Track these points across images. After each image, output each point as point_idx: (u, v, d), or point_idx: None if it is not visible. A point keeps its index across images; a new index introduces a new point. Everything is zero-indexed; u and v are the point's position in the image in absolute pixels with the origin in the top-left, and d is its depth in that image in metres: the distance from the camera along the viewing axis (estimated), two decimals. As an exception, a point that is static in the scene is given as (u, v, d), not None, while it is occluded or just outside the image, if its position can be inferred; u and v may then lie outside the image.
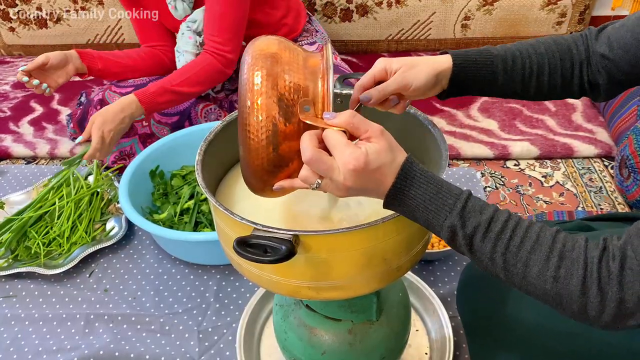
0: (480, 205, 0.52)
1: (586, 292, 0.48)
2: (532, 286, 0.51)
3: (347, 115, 0.53)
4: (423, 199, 0.52)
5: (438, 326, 0.97)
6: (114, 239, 1.24)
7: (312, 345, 0.78)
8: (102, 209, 1.32)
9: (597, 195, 1.35)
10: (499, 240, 0.51)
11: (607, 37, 0.66)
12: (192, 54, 1.38)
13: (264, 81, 0.54)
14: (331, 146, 0.52)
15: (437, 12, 1.96)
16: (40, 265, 1.18)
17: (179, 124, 1.43)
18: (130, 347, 1.03)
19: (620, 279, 0.47)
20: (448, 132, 1.59)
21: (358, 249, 0.58)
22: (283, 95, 0.54)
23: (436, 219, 0.53)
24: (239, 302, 1.11)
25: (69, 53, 1.31)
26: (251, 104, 0.54)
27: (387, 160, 0.52)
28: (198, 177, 0.65)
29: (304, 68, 0.57)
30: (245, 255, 0.54)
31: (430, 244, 1.15)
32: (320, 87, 0.57)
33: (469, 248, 0.53)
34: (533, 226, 0.52)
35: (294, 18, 1.50)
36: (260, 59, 0.55)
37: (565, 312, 0.51)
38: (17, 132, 1.78)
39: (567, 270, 0.49)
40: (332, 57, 0.58)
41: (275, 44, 0.57)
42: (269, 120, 0.54)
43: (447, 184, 0.53)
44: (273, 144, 0.55)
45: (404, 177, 0.52)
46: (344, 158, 0.51)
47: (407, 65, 0.65)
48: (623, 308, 0.47)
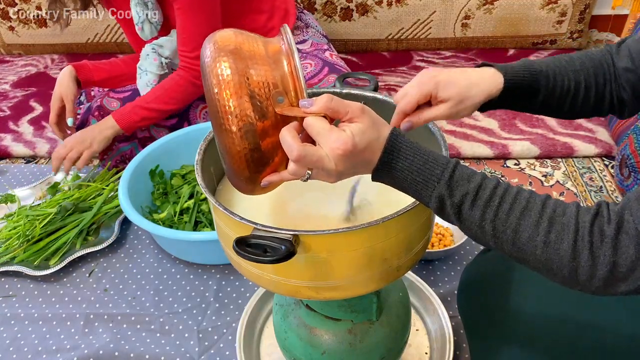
0: (468, 173, 0.52)
1: (577, 257, 0.48)
2: (522, 252, 0.51)
3: (325, 100, 0.52)
4: (410, 170, 0.52)
5: (438, 326, 0.97)
6: (105, 243, 1.23)
7: (312, 345, 0.78)
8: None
9: (598, 195, 1.34)
10: (487, 207, 0.51)
11: (627, 50, 0.65)
12: (154, 74, 1.37)
13: (232, 82, 0.52)
14: (315, 134, 0.52)
15: (437, 11, 1.96)
16: (28, 266, 1.18)
17: (178, 126, 1.43)
18: (130, 347, 1.03)
19: (615, 242, 0.47)
20: (448, 131, 1.59)
21: (358, 249, 0.58)
22: (253, 92, 0.52)
23: (424, 190, 0.52)
24: (239, 301, 1.11)
25: (64, 82, 1.33)
26: (223, 108, 0.52)
27: (373, 137, 0.52)
28: (198, 177, 0.65)
29: (266, 57, 0.54)
30: (245, 255, 0.53)
31: (430, 244, 1.15)
32: (289, 74, 0.54)
33: (457, 217, 0.52)
34: (522, 192, 0.51)
35: (281, 18, 1.48)
36: (222, 58, 0.53)
37: (555, 277, 0.51)
38: (17, 132, 1.78)
39: (557, 234, 0.49)
40: (292, 38, 0.55)
41: (232, 38, 0.55)
42: (244, 121, 0.52)
43: (434, 154, 0.53)
44: (253, 143, 0.53)
45: (390, 151, 0.52)
46: (331, 144, 0.50)
47: (457, 99, 0.63)
48: (616, 272, 0.47)
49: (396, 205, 0.59)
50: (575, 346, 0.67)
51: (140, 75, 1.39)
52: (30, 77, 2.14)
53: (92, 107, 1.44)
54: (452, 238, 1.18)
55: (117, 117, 1.30)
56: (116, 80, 1.44)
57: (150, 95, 1.32)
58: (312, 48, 1.47)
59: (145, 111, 1.31)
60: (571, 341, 0.67)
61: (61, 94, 1.33)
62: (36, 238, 1.22)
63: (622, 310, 0.67)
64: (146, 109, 1.31)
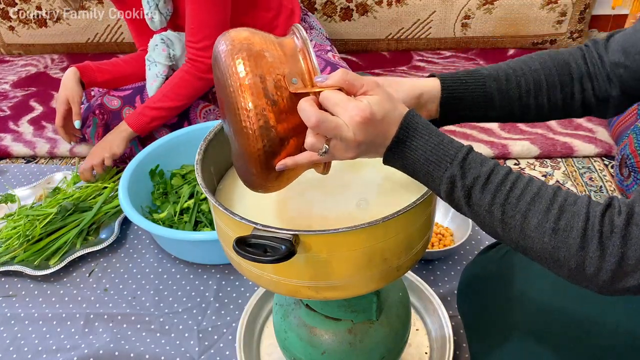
0: (481, 158, 0.52)
1: (585, 246, 0.47)
2: (529, 239, 0.50)
3: (340, 73, 0.52)
4: (424, 149, 0.52)
5: (438, 325, 0.97)
6: (105, 243, 1.23)
7: (312, 344, 0.78)
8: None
9: (598, 195, 1.34)
10: (498, 191, 0.51)
11: (619, 45, 0.63)
12: (163, 65, 1.38)
13: (247, 67, 0.52)
14: (332, 105, 0.51)
15: (437, 11, 1.95)
16: (28, 266, 1.18)
17: (179, 125, 1.44)
18: (130, 347, 1.03)
19: (625, 233, 0.46)
20: (448, 131, 1.58)
21: (358, 249, 0.58)
22: (270, 91, 0.52)
23: (436, 170, 0.52)
24: (239, 301, 1.11)
25: (69, 85, 1.33)
26: (240, 106, 0.52)
27: (390, 108, 0.52)
28: (198, 177, 0.65)
29: (280, 48, 0.55)
30: (245, 255, 0.53)
31: (430, 244, 1.15)
32: (303, 61, 0.55)
33: (467, 200, 0.52)
34: (534, 180, 0.51)
35: (287, 17, 1.49)
36: (236, 49, 0.53)
37: (561, 270, 0.50)
38: (17, 131, 1.77)
39: (567, 222, 0.48)
40: (307, 35, 0.56)
41: (245, 33, 0.55)
42: (260, 104, 0.52)
43: (449, 137, 0.53)
44: (269, 127, 0.52)
45: (406, 127, 0.52)
46: (350, 112, 0.50)
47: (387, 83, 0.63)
48: (624, 264, 0.46)
49: (396, 206, 0.59)
50: (575, 346, 0.67)
51: (149, 66, 1.39)
52: (30, 77, 2.13)
53: (92, 105, 1.44)
54: (452, 238, 1.18)
55: (129, 121, 1.33)
56: (119, 81, 1.44)
57: (158, 94, 1.33)
58: (315, 49, 1.48)
59: (154, 111, 1.32)
60: (571, 341, 0.67)
61: (67, 97, 1.33)
62: (36, 238, 1.23)
63: (622, 309, 0.67)
64: (155, 109, 1.32)
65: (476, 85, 0.64)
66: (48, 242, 1.23)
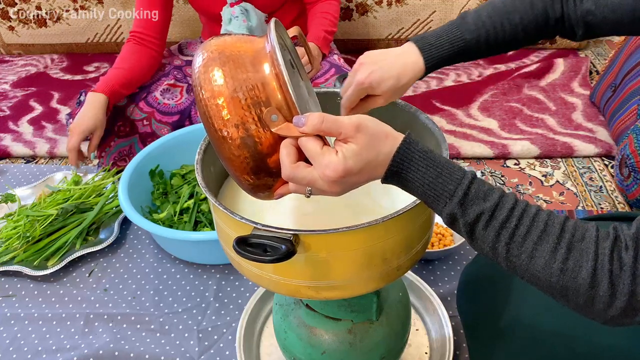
0: (484, 190, 0.50)
1: (596, 285, 0.46)
2: (535, 278, 0.49)
3: (315, 122, 0.50)
4: (422, 182, 0.50)
5: (438, 325, 0.97)
6: (105, 243, 1.23)
7: (311, 344, 0.78)
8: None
9: (597, 195, 1.34)
10: (503, 229, 0.49)
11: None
12: None
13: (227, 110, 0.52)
14: (309, 157, 0.51)
15: (437, 11, 1.96)
16: (28, 266, 1.18)
17: (180, 123, 1.43)
18: (130, 347, 1.03)
19: (634, 270, 0.45)
20: (448, 131, 1.59)
21: (358, 249, 0.58)
22: (246, 117, 0.52)
23: (435, 205, 0.51)
24: (239, 301, 1.11)
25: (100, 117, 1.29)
26: (223, 134, 0.52)
27: (371, 157, 0.50)
28: (198, 177, 0.65)
29: (254, 72, 0.53)
30: (245, 255, 0.53)
31: (430, 244, 1.15)
32: (279, 92, 0.52)
33: (469, 235, 0.51)
34: (540, 214, 0.49)
35: (297, 16, 1.51)
36: (213, 66, 0.53)
37: (569, 304, 0.49)
38: (17, 131, 1.78)
39: (575, 262, 0.47)
40: (278, 44, 0.53)
41: (222, 46, 0.54)
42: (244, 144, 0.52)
43: (449, 167, 0.50)
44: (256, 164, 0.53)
45: (400, 161, 0.50)
46: (322, 169, 0.49)
47: (392, 91, 0.70)
48: (634, 301, 0.45)
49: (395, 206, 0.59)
50: (575, 346, 0.67)
51: None
52: (30, 77, 2.14)
53: None
54: (452, 238, 1.18)
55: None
56: (135, 86, 1.42)
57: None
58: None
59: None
60: (571, 341, 0.67)
61: (94, 128, 1.28)
62: (36, 238, 1.22)
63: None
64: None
65: (458, 53, 0.71)
66: (48, 242, 1.23)
